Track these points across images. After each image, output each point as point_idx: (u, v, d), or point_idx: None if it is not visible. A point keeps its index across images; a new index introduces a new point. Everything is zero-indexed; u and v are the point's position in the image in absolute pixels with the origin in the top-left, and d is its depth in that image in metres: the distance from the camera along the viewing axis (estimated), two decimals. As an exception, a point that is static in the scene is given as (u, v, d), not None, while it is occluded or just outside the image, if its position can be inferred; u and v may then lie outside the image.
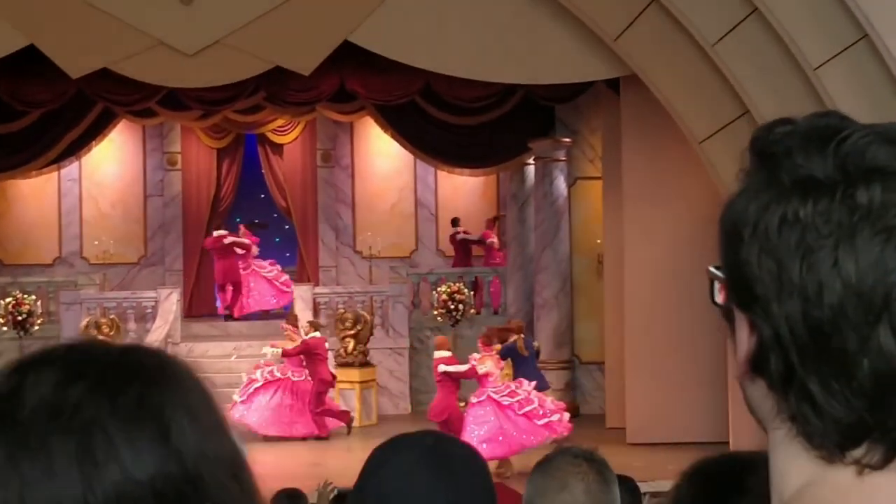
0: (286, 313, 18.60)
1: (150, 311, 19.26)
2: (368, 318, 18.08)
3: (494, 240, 20.92)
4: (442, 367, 14.37)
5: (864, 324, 0.98)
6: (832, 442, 1.01)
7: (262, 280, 19.95)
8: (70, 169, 20.73)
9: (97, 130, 18.83)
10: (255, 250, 20.14)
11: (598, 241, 17.98)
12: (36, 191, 20.98)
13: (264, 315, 20.93)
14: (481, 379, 14.02)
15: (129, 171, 21.57)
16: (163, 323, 18.89)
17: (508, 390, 13.84)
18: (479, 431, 13.55)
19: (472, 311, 19.53)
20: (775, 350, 1.01)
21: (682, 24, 12.37)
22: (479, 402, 13.85)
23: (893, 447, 1.00)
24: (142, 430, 0.97)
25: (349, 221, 21.62)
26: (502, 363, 14.45)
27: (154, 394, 0.99)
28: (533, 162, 19.28)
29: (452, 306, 19.19)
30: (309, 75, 15.49)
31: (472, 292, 19.57)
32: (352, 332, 17.65)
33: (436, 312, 19.35)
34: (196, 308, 21.04)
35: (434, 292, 19.56)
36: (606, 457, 2.92)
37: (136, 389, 0.99)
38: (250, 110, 18.44)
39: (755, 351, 1.04)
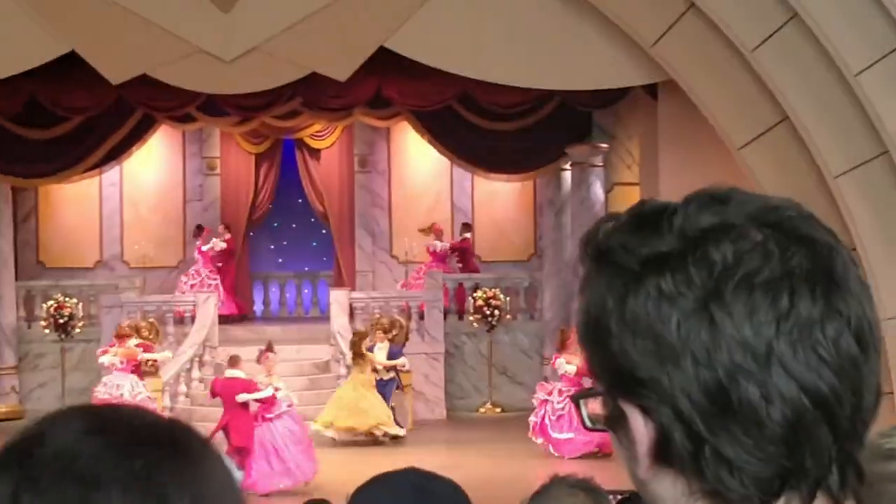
0: (321, 317, 18.64)
1: (188, 314, 19.38)
2: (404, 322, 18.10)
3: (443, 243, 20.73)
4: None
5: (758, 371, 0.99)
6: (753, 502, 1.01)
7: None
8: (111, 173, 20.89)
9: (137, 136, 18.99)
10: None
11: (636, 247, 17.91)
12: (78, 195, 21.18)
13: (300, 318, 21.07)
14: None
15: (168, 176, 21.73)
16: (201, 327, 19.01)
17: None
18: None
19: (508, 316, 19.52)
20: (678, 426, 1.01)
21: (721, 30, 12.30)
22: None
23: (812, 489, 1.01)
24: (143, 499, 0.98)
25: (385, 226, 21.65)
26: None
27: (169, 464, 0.99)
28: (570, 167, 19.25)
29: (488, 312, 19.19)
30: (345, 81, 15.53)
31: (507, 298, 19.57)
32: (387, 336, 17.69)
33: (472, 318, 19.36)
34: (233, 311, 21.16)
35: (470, 297, 19.57)
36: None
37: (155, 455, 1.00)
38: (287, 116, 18.52)
39: (656, 437, 1.03)
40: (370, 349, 16.83)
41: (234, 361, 14.18)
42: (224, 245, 20.62)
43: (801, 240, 1.03)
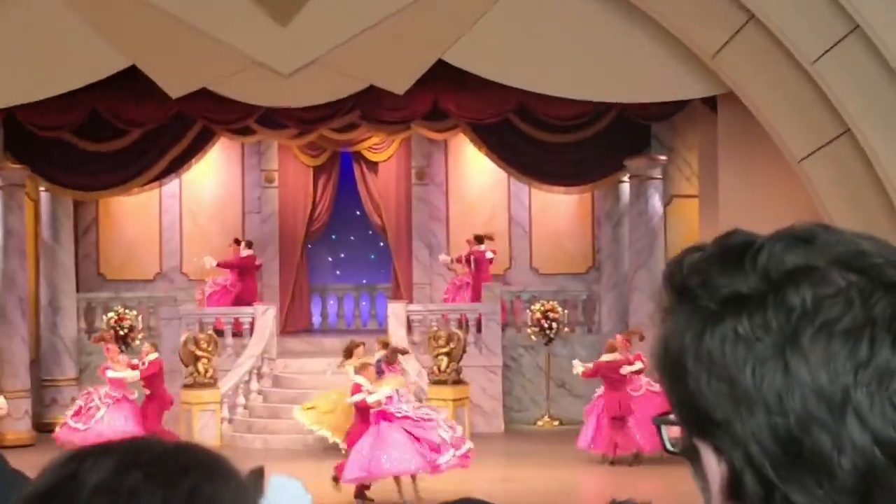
0: (379, 329, 18.63)
1: (247, 326, 19.50)
2: (462, 335, 18.08)
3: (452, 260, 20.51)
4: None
5: (831, 421, 0.98)
6: None
7: None
8: (170, 186, 21.09)
9: (197, 148, 19.19)
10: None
11: (695, 260, 17.75)
12: (137, 207, 21.42)
13: (358, 331, 21.11)
14: None
15: (227, 189, 21.91)
16: (259, 339, 19.12)
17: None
18: None
19: (566, 329, 19.44)
20: (749, 470, 1.01)
21: (781, 42, 12.19)
22: None
23: None
24: None
25: (443, 238, 21.66)
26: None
27: (206, 488, 1.01)
28: (628, 180, 19.14)
29: (546, 325, 19.12)
30: (403, 94, 15.58)
31: (565, 310, 19.46)
32: (445, 349, 17.66)
33: (529, 331, 19.30)
34: (291, 324, 21.28)
35: (528, 310, 19.51)
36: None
37: (189, 482, 1.01)
38: (346, 128, 18.62)
39: (728, 478, 1.02)
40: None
41: (361, 366, 14.17)
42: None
43: (887, 287, 1.01)
